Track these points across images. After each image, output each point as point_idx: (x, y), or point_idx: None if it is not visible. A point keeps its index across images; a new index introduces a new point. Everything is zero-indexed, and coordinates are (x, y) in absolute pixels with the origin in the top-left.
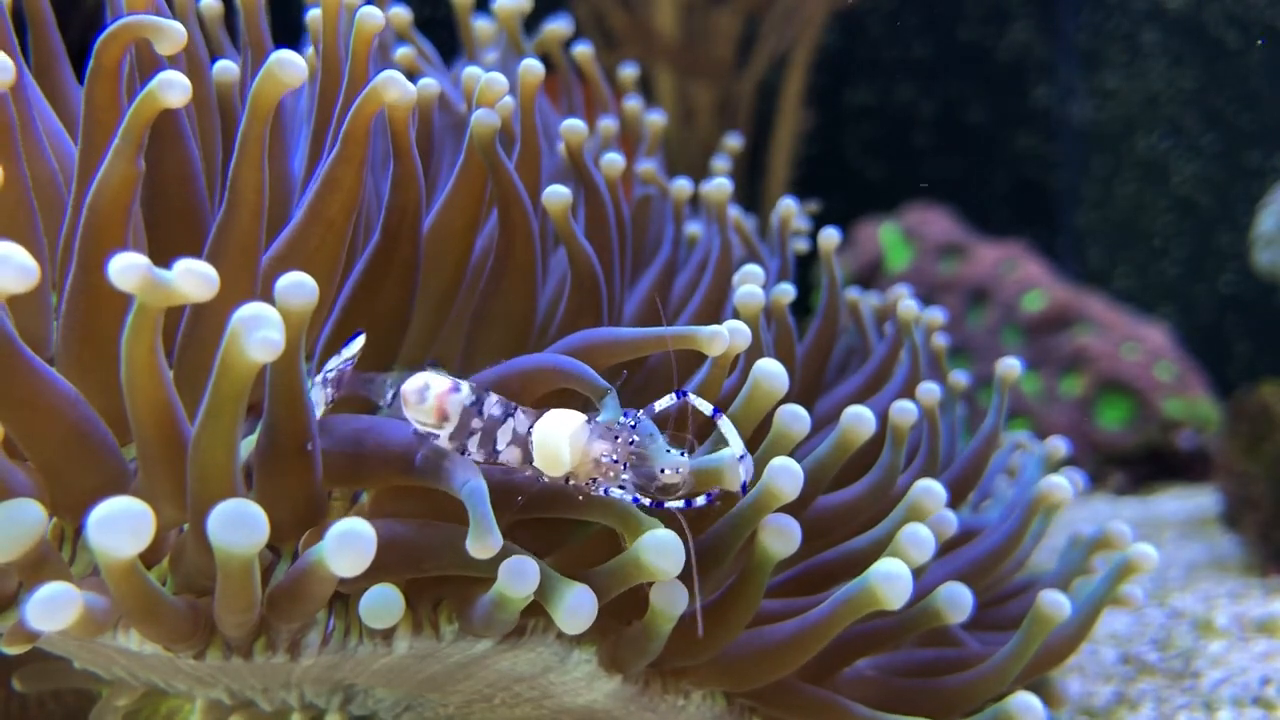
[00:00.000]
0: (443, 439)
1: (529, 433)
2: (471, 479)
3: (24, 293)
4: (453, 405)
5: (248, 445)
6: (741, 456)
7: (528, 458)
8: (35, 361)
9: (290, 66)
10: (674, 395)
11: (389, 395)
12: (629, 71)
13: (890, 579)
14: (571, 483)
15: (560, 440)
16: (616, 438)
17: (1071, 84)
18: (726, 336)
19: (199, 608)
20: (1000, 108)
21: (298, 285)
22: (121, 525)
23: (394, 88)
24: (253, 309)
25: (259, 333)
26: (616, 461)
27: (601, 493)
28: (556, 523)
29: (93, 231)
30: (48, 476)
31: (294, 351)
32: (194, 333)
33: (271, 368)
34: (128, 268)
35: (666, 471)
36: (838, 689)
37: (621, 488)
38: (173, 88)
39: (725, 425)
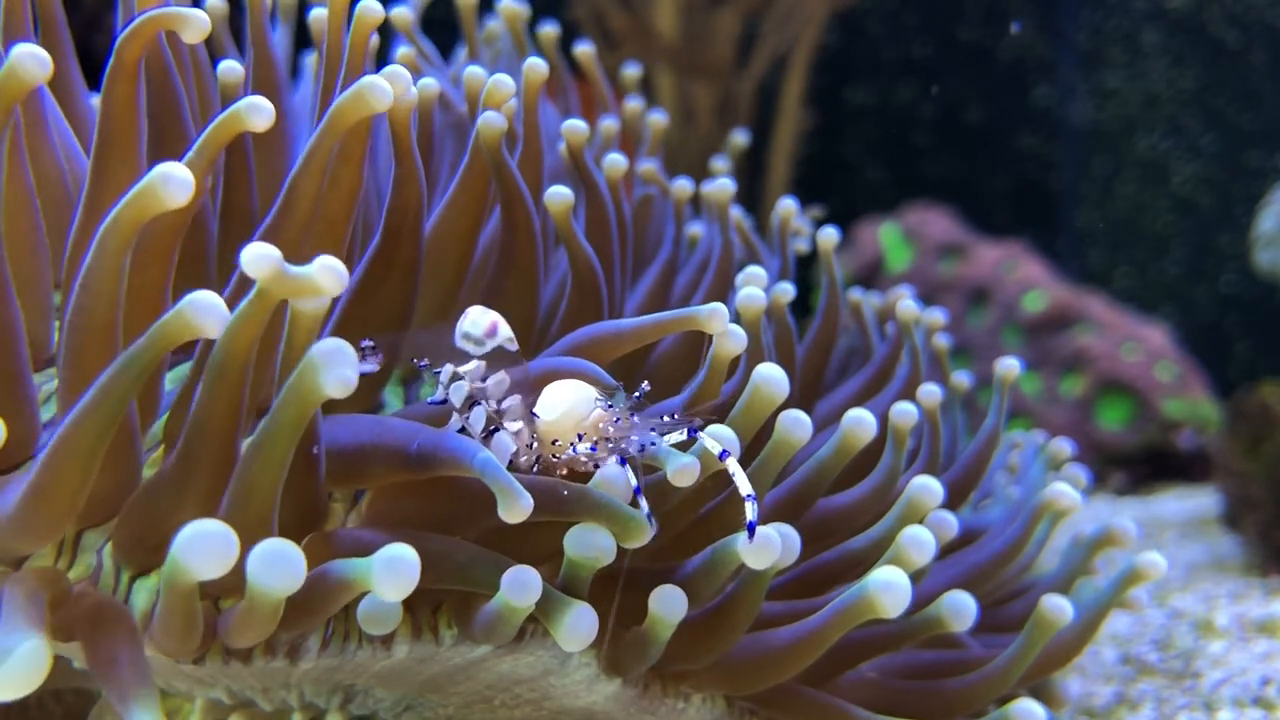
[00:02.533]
0: (472, 364)
1: (532, 414)
2: (478, 453)
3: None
4: (503, 330)
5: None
6: (749, 497)
7: (528, 441)
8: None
9: (379, 92)
10: (686, 430)
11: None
12: (632, 72)
13: (888, 588)
14: (567, 454)
15: (565, 391)
16: (620, 408)
17: (1071, 84)
18: (726, 314)
19: (207, 617)
20: (1000, 108)
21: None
22: (209, 548)
23: (392, 83)
24: (332, 344)
25: (337, 369)
26: (618, 422)
27: (592, 467)
28: (550, 529)
29: (140, 254)
30: None
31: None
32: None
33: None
34: (261, 257)
35: (674, 472)
36: (838, 691)
37: (620, 459)
38: (260, 112)
39: (733, 466)
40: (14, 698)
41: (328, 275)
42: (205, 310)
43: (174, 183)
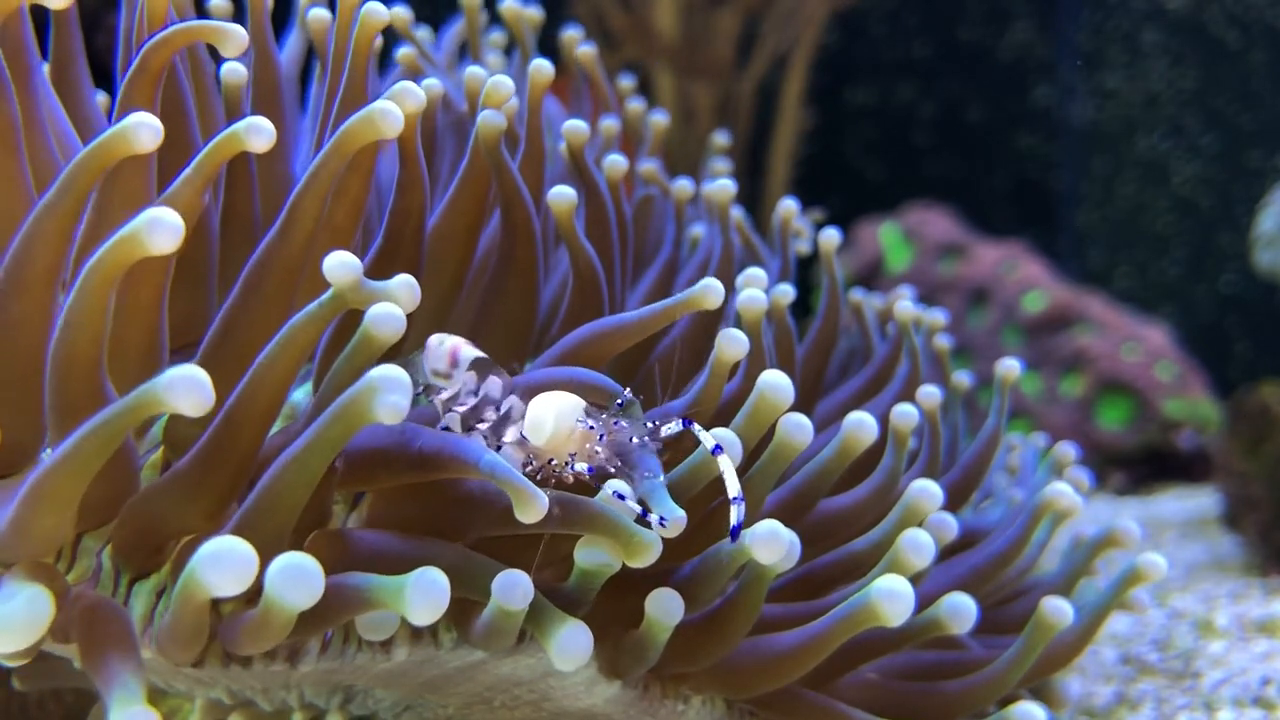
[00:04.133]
0: (448, 391)
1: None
2: (484, 454)
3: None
4: (464, 354)
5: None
6: (736, 499)
7: (526, 457)
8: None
9: (391, 118)
10: (680, 422)
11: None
12: (627, 83)
13: (892, 596)
14: (553, 462)
15: (548, 409)
16: (604, 419)
17: (1071, 84)
18: (720, 287)
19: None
20: (1000, 108)
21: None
22: (230, 566)
23: (411, 100)
24: (390, 371)
25: (392, 396)
26: (602, 439)
27: (572, 475)
28: (551, 539)
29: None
30: None
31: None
32: (221, 348)
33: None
34: (342, 264)
35: (666, 523)
36: (838, 693)
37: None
38: (260, 133)
39: (725, 463)
40: (15, 649)
41: (406, 291)
42: (186, 387)
43: (160, 228)
